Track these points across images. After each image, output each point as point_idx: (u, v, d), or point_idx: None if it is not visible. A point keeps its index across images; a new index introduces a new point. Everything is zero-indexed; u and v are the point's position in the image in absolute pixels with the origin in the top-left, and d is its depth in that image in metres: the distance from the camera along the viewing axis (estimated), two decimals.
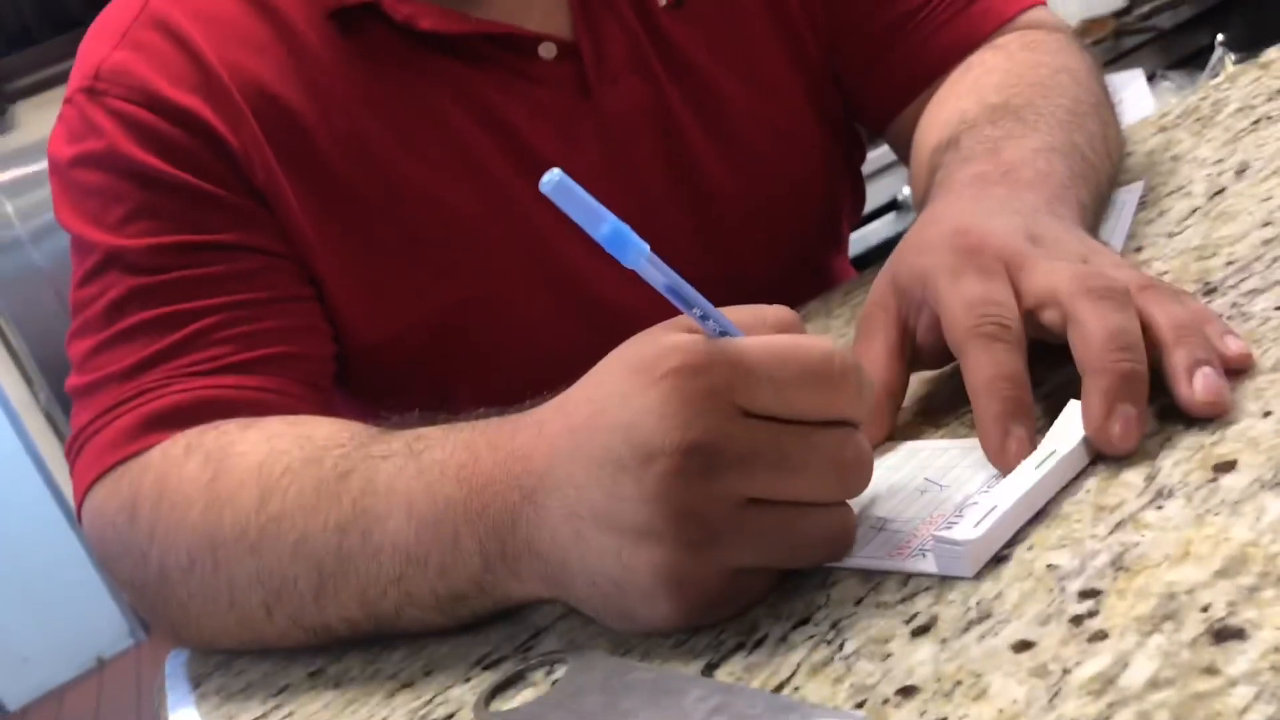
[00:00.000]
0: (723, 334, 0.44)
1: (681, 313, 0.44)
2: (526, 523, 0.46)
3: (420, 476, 0.50)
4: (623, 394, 0.43)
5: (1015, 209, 0.55)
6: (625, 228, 0.41)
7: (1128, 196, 0.70)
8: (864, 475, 0.45)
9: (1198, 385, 0.44)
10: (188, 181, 0.70)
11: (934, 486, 0.48)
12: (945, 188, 0.61)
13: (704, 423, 0.41)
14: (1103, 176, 0.66)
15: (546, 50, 0.75)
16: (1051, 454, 0.44)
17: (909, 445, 0.53)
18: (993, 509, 0.42)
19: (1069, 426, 0.46)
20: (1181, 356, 0.45)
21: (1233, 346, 0.46)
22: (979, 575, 0.41)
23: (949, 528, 0.43)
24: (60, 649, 3.35)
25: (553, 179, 0.40)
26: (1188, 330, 0.46)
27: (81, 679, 3.37)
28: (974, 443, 0.50)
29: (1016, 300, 0.49)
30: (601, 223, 0.41)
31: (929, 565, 0.43)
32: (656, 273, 0.42)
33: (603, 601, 0.45)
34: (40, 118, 2.68)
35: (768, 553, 0.44)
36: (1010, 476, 0.44)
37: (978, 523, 0.42)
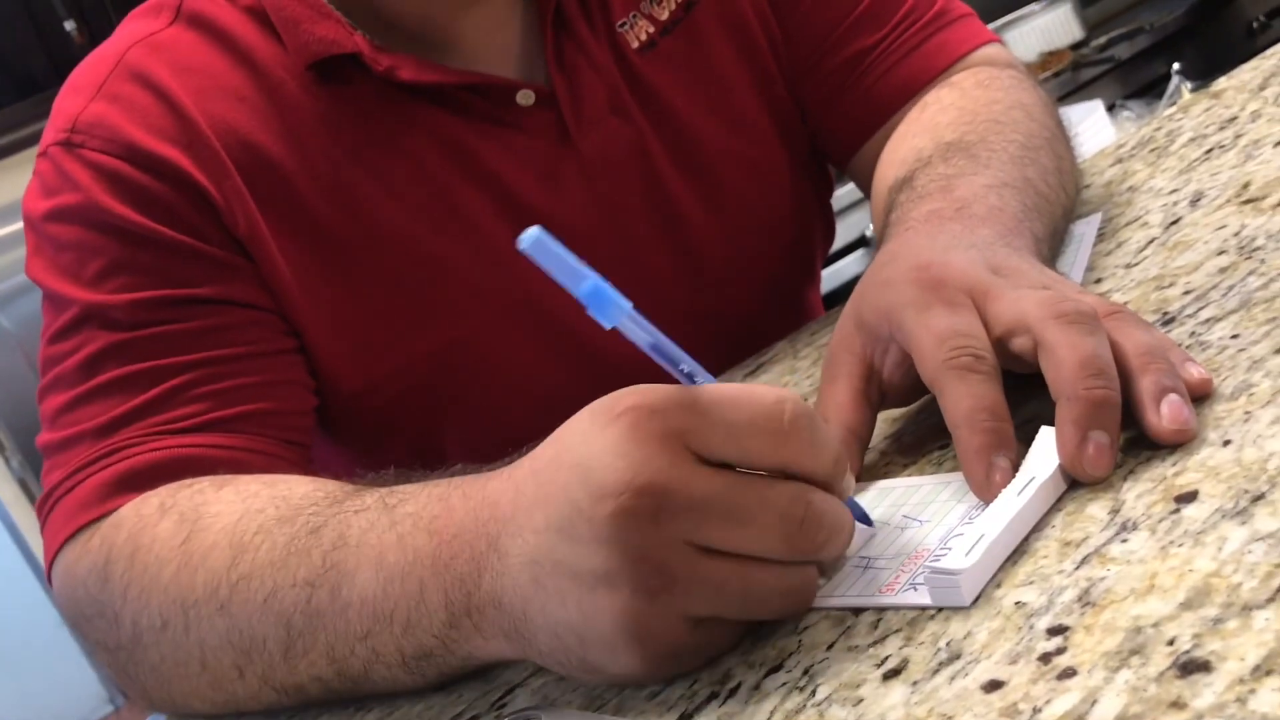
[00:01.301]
0: None
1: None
2: (492, 573, 0.45)
3: (393, 529, 0.50)
4: (583, 434, 0.43)
5: (971, 243, 0.56)
6: (606, 285, 0.41)
7: (1086, 228, 0.71)
8: (816, 536, 0.43)
9: (1165, 413, 0.44)
10: (167, 235, 0.69)
11: (914, 523, 0.48)
12: (900, 225, 0.61)
13: (656, 464, 0.41)
14: (1058, 210, 0.67)
15: (525, 98, 0.76)
16: (1031, 480, 0.44)
17: (881, 484, 0.53)
18: (981, 537, 0.42)
19: (1045, 452, 0.45)
20: (1149, 384, 0.45)
21: (1194, 373, 0.46)
22: (948, 615, 0.41)
23: (938, 559, 0.42)
24: (36, 716, 3.30)
25: (530, 236, 0.40)
26: (1154, 357, 0.46)
27: None
28: (947, 477, 0.50)
29: (985, 330, 0.49)
30: (582, 280, 0.40)
31: (922, 598, 0.42)
32: (640, 331, 0.42)
33: (565, 655, 0.44)
34: (7, 181, 2.67)
35: (723, 604, 0.43)
36: (993, 505, 0.44)
37: (968, 551, 0.41)
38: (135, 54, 0.73)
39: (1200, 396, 0.46)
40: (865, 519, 0.48)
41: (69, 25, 2.16)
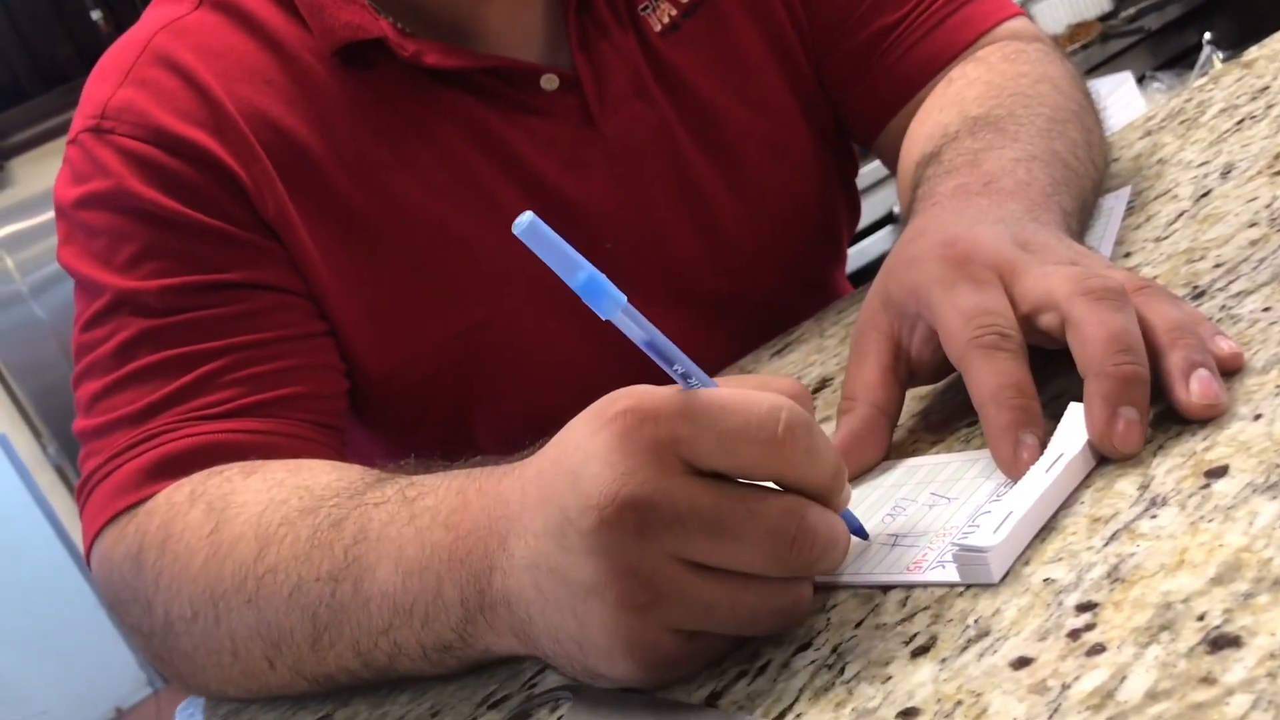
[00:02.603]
0: None
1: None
2: (501, 572, 0.45)
3: (412, 523, 0.50)
4: (578, 438, 0.42)
5: (999, 217, 0.55)
6: (601, 277, 0.39)
7: (1115, 202, 0.70)
8: (807, 554, 0.41)
9: (1194, 388, 0.44)
10: (198, 219, 0.70)
11: (941, 500, 0.48)
12: (928, 201, 0.61)
13: (642, 475, 0.40)
14: (1087, 183, 0.66)
15: (549, 82, 0.76)
16: (1059, 457, 0.44)
17: (908, 462, 0.53)
18: (1009, 514, 0.42)
19: (1073, 429, 0.45)
20: (1178, 359, 0.44)
21: (1225, 347, 0.46)
22: (976, 592, 0.41)
23: (966, 537, 0.42)
24: (78, 701, 3.34)
25: (523, 221, 0.39)
26: (1183, 332, 0.45)
27: None
28: (975, 454, 0.50)
29: (1012, 307, 0.49)
30: (577, 270, 0.39)
31: (950, 575, 0.42)
32: (634, 326, 0.41)
33: (567, 660, 0.44)
34: (36, 172, 2.70)
35: (711, 620, 0.42)
36: (1021, 482, 0.44)
37: (996, 529, 0.41)
38: (161, 39, 0.73)
39: (1231, 371, 0.45)
40: (860, 532, 0.47)
41: (95, 15, 2.17)
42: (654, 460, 0.40)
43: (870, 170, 1.07)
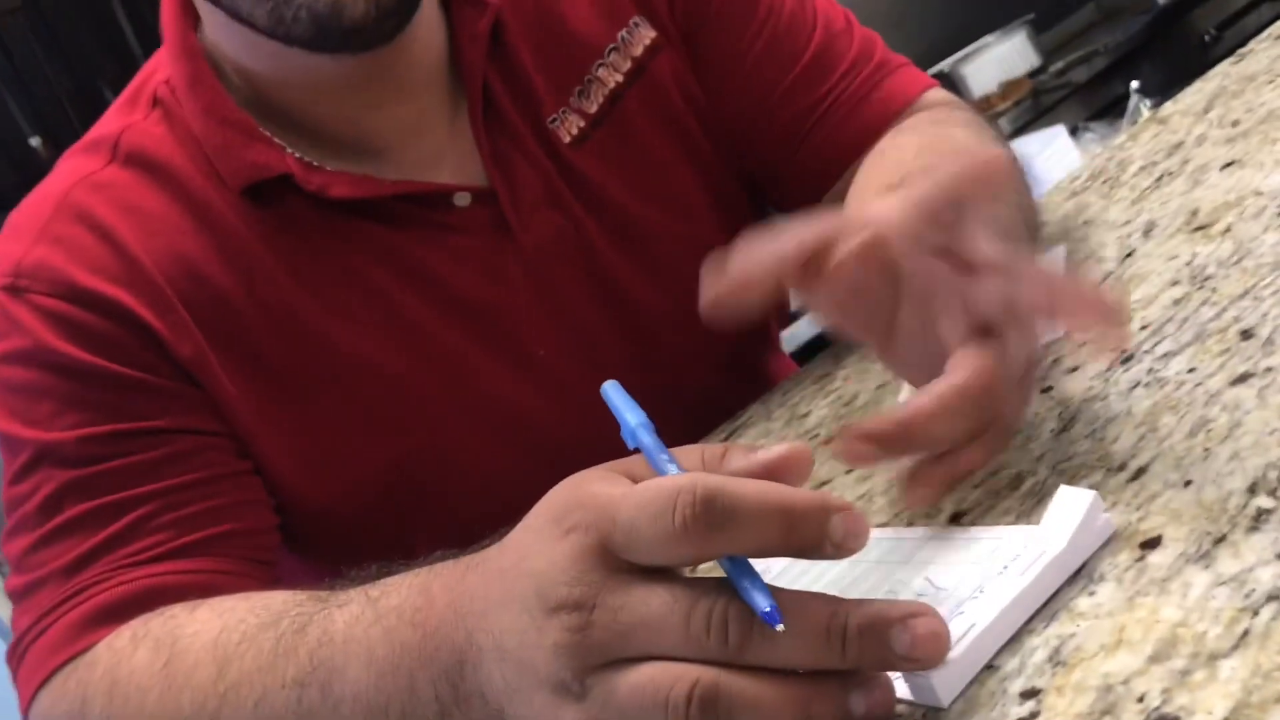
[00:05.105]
0: None
1: (621, 451, 0.43)
2: (472, 666, 0.45)
3: (378, 623, 0.49)
4: (538, 543, 0.42)
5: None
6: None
7: (1054, 259, 0.71)
8: (729, 651, 0.38)
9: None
10: (115, 370, 0.70)
11: (932, 589, 0.45)
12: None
13: (588, 580, 0.39)
14: (1033, 234, 0.67)
15: (461, 199, 0.77)
16: (1040, 555, 0.41)
17: (916, 531, 0.50)
18: (971, 628, 0.39)
19: (1061, 518, 0.42)
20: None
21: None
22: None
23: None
24: None
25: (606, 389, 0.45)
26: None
27: None
28: (978, 532, 0.47)
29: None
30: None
31: (902, 690, 0.40)
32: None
33: None
34: None
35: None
36: (994, 588, 0.41)
37: (952, 647, 0.38)
38: (78, 194, 0.74)
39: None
40: (773, 617, 0.38)
41: (34, 141, 2.18)
42: (599, 565, 0.40)
43: None
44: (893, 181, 0.66)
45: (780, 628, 0.37)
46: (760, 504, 0.37)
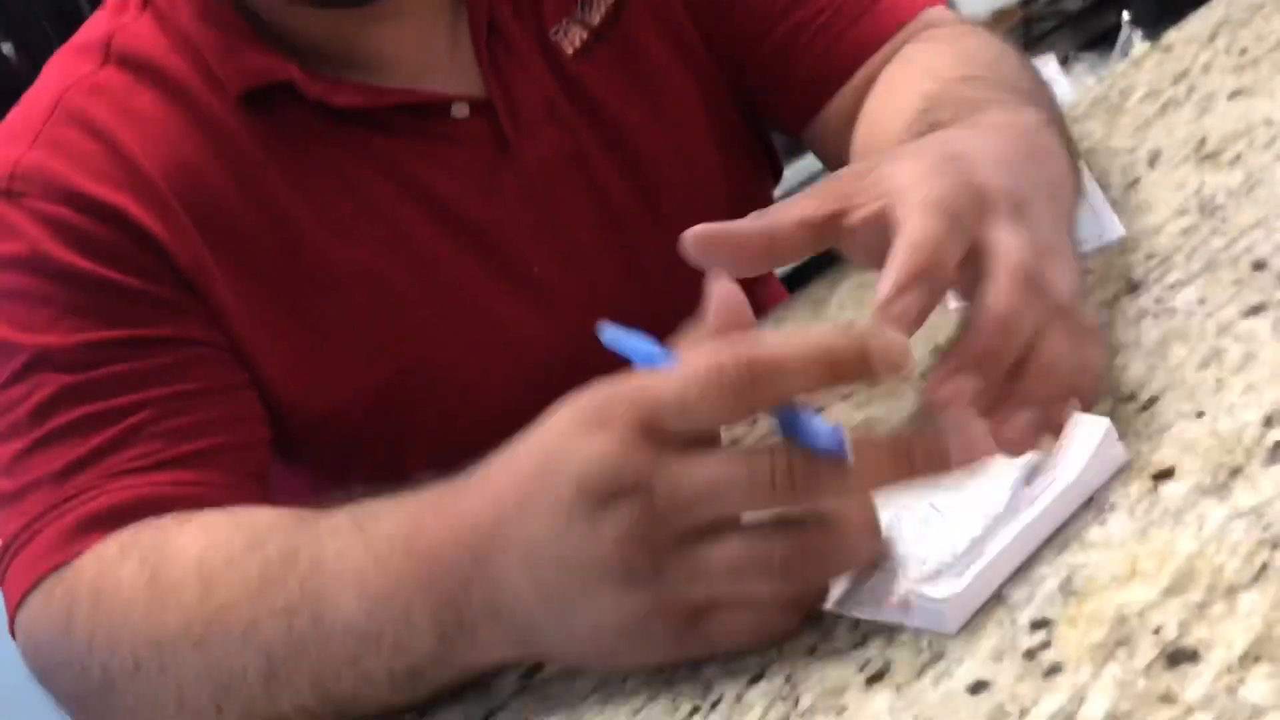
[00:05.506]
0: None
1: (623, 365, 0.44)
2: (481, 586, 0.45)
3: (368, 551, 0.49)
4: (568, 442, 0.43)
5: (1035, 183, 0.51)
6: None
7: (1088, 183, 0.68)
8: (797, 490, 0.40)
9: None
10: (114, 278, 0.69)
11: (937, 515, 0.44)
12: (969, 124, 0.57)
13: (637, 463, 0.41)
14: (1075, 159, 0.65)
15: (459, 110, 0.75)
16: (1052, 482, 0.40)
17: None
18: (980, 556, 0.39)
19: (1077, 444, 0.41)
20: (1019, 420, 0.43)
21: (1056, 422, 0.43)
22: None
23: (933, 579, 0.39)
24: None
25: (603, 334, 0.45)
26: (1045, 386, 0.44)
27: None
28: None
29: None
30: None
31: (911, 619, 0.40)
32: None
33: (580, 648, 0.45)
34: None
35: (719, 587, 0.42)
36: (1008, 508, 0.40)
37: (962, 573, 0.39)
38: (74, 97, 0.72)
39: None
40: (841, 449, 0.41)
41: (6, 47, 2.13)
42: (646, 445, 0.41)
43: (792, 175, 1.08)
44: (921, 107, 0.64)
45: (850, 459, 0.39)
46: (799, 347, 0.40)
